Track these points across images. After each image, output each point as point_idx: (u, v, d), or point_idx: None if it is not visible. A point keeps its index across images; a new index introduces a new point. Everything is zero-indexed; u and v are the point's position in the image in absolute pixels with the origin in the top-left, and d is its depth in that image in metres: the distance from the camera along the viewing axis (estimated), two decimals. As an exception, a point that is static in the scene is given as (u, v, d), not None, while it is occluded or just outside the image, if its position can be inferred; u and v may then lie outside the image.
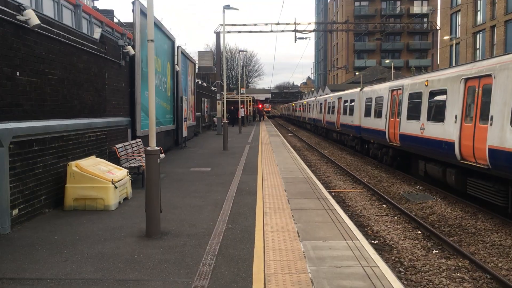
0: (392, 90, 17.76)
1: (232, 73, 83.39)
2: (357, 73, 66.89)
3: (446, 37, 46.91)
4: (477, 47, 43.29)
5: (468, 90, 11.55)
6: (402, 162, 17.07)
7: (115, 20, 26.40)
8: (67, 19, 18.39)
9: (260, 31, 40.95)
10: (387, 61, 71.81)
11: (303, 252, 6.13)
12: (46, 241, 6.68)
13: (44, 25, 8.28)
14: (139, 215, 8.14)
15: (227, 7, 23.10)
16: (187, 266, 5.66)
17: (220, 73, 34.33)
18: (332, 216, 8.16)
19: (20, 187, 7.49)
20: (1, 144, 6.92)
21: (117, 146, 11.37)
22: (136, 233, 7.10)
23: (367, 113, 21.16)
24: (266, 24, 40.57)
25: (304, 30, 41.39)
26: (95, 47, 11.00)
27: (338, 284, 5.05)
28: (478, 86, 11.03)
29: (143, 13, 13.68)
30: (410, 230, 9.61)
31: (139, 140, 13.59)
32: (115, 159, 11.11)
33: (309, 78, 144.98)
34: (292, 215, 8.20)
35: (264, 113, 72.77)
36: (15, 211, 7.34)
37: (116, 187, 8.86)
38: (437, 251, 8.23)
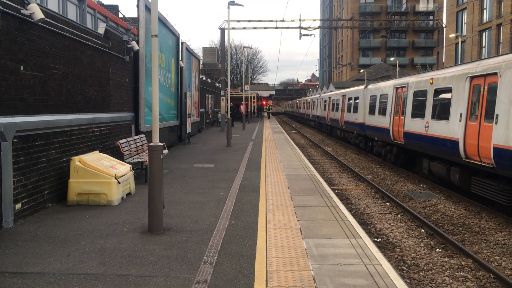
0: (397, 88, 17.69)
1: (237, 70, 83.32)
2: (361, 71, 66.62)
3: (452, 35, 46.67)
4: (483, 45, 43.05)
5: (473, 88, 11.48)
6: (406, 160, 17.04)
7: (120, 15, 26.42)
8: (72, 13, 18.38)
9: (265, 28, 40.88)
10: (392, 58, 71.40)
11: (306, 250, 6.11)
12: (48, 235, 6.70)
13: (48, 20, 8.27)
14: (142, 210, 8.15)
15: (231, 3, 23.07)
16: (189, 262, 5.65)
17: (225, 69, 34.30)
18: (335, 214, 8.14)
19: (24, 182, 7.50)
20: (5, 138, 6.92)
21: (121, 141, 11.38)
22: (139, 229, 7.10)
23: (372, 111, 21.09)
24: (271, 21, 40.46)
25: (309, 27, 41.20)
26: (100, 42, 10.99)
27: (340, 282, 5.03)
28: (483, 84, 10.95)
29: (148, 8, 13.66)
30: (414, 229, 9.58)
31: (142, 135, 13.60)
32: (118, 155, 11.12)
33: (313, 75, 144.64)
34: (295, 212, 8.18)
35: (266, 108, 70.43)
36: (18, 205, 7.35)
37: (119, 182, 8.86)
38: (440, 250, 8.20)
